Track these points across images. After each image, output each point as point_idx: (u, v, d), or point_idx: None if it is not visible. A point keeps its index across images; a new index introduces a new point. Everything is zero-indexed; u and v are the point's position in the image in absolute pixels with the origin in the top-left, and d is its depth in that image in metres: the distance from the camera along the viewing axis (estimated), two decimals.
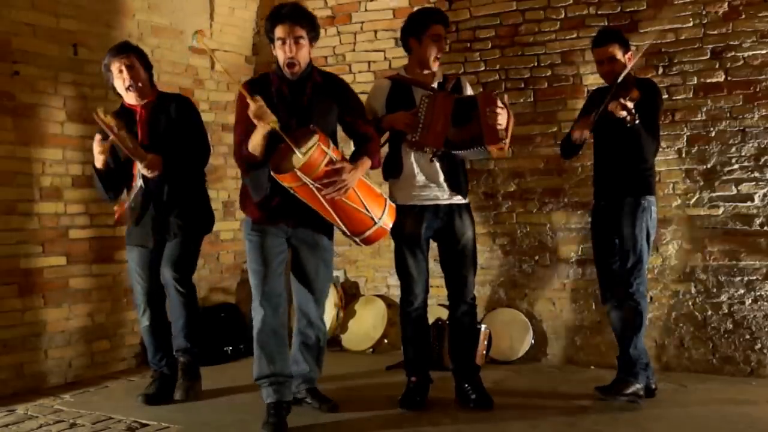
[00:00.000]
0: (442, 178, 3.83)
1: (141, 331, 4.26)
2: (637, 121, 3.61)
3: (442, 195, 3.84)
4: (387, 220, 3.60)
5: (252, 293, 3.64)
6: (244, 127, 3.49)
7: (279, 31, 3.48)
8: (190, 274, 4.08)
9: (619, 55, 3.86)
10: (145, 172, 3.83)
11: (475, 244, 3.99)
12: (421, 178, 3.84)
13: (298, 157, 3.28)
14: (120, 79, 3.93)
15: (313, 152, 3.26)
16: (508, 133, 3.70)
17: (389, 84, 3.95)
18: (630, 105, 3.58)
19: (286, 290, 3.69)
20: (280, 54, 3.52)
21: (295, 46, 3.47)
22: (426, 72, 3.89)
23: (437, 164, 3.80)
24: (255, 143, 3.41)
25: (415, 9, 5.25)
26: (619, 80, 3.72)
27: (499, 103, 3.65)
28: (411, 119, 3.74)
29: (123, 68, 3.90)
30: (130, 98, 3.98)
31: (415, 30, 3.88)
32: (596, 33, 4.05)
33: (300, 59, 3.51)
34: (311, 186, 3.31)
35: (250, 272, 3.65)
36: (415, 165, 3.84)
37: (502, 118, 3.65)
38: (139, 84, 3.94)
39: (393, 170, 3.92)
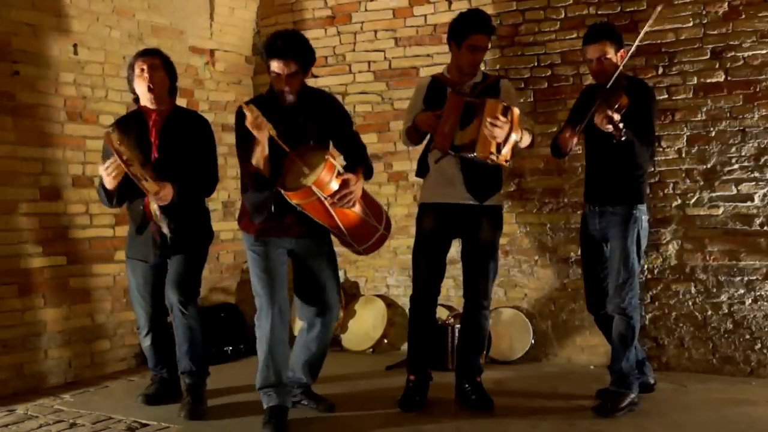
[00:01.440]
0: (462, 179, 3.81)
1: (142, 347, 4.19)
2: (623, 138, 3.47)
3: (462, 196, 3.83)
4: (386, 227, 3.68)
5: (258, 303, 3.61)
6: (244, 146, 3.50)
7: (274, 65, 3.47)
8: (195, 296, 3.97)
9: (611, 53, 3.71)
10: (157, 202, 3.69)
11: (496, 250, 3.95)
12: (442, 177, 3.85)
13: (305, 173, 3.32)
14: (141, 79, 3.82)
15: (324, 167, 3.30)
16: (504, 147, 3.56)
17: (429, 82, 3.96)
18: (617, 117, 3.43)
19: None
20: (275, 83, 3.54)
21: (288, 79, 3.48)
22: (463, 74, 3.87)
23: (458, 165, 3.78)
24: (258, 156, 3.42)
25: (418, 11, 5.33)
26: (610, 84, 3.59)
27: (501, 117, 3.50)
28: (433, 120, 3.74)
29: (145, 67, 3.82)
30: (147, 100, 3.87)
31: (455, 34, 3.80)
32: (588, 29, 3.94)
33: (293, 90, 3.53)
34: (323, 200, 3.34)
35: (257, 283, 3.61)
36: (437, 165, 3.85)
37: (499, 132, 3.51)
38: (159, 87, 3.85)
39: (421, 169, 3.98)
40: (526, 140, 3.77)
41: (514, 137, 3.57)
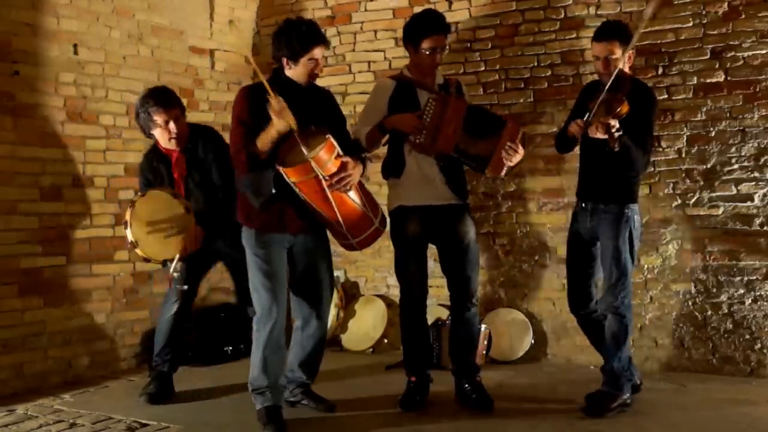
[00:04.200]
0: (443, 180, 3.83)
1: (160, 320, 4.16)
2: (616, 149, 3.44)
3: (443, 196, 3.84)
4: (381, 223, 3.68)
5: (259, 306, 3.59)
6: (246, 127, 3.48)
7: (317, 52, 3.53)
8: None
9: (618, 53, 3.64)
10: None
11: (477, 245, 3.99)
12: (422, 179, 3.83)
13: (304, 152, 3.33)
14: (166, 131, 3.99)
15: (324, 145, 3.34)
16: (512, 169, 3.77)
17: (393, 84, 3.92)
18: (613, 123, 3.39)
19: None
20: (306, 70, 3.55)
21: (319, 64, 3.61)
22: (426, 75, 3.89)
23: (438, 166, 3.80)
24: (266, 140, 3.39)
25: (417, 11, 5.28)
26: (610, 84, 3.53)
27: (519, 144, 3.66)
28: (417, 121, 3.72)
29: (171, 121, 3.98)
30: (171, 146, 4.06)
31: (411, 37, 3.82)
32: (600, 24, 3.86)
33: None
34: (321, 179, 3.35)
35: (257, 285, 3.58)
36: (416, 166, 3.84)
37: (517, 158, 3.69)
38: (181, 134, 4.04)
39: (394, 170, 3.92)
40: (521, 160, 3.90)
41: (521, 160, 3.76)
